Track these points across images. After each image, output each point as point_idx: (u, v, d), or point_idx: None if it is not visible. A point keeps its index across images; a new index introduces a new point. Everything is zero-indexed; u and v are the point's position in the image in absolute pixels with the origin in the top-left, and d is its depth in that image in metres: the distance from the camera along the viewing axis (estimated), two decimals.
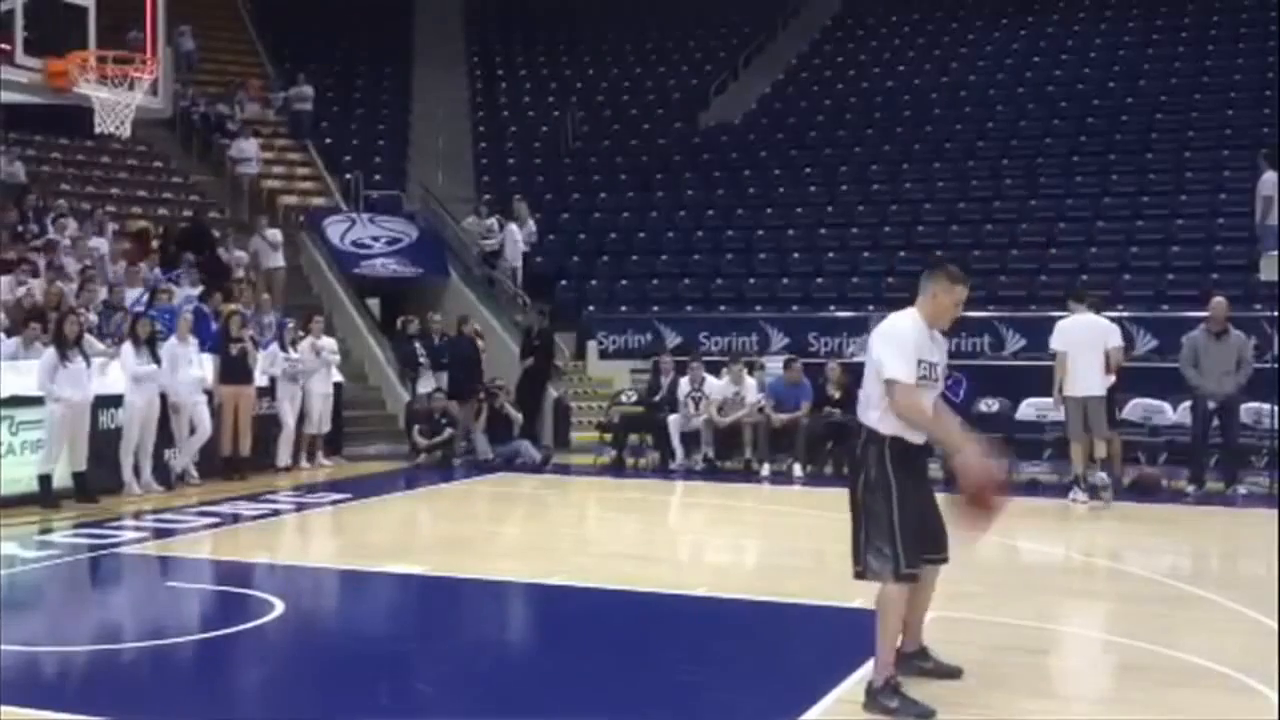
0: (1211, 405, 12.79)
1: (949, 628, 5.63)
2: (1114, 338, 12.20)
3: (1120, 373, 12.59)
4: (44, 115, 17.07)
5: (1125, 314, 15.47)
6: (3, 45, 8.40)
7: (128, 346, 12.58)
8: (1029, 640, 6.85)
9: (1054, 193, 20.57)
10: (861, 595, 7.06)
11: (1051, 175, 21.03)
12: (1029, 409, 14.20)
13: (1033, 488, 13.20)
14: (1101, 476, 12.11)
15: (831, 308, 18.38)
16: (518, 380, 16.66)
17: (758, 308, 19.07)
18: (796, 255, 20.60)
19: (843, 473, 14.09)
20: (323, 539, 11.55)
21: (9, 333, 12.72)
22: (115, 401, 12.48)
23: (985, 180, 21.33)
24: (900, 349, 5.55)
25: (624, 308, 19.96)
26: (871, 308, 17.72)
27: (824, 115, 24.38)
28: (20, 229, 15.81)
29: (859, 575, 5.58)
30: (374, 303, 19.86)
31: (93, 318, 13.43)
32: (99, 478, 12.13)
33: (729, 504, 13.16)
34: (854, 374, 14.89)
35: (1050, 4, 26.38)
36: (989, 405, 14.23)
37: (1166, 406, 14.04)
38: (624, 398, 16.54)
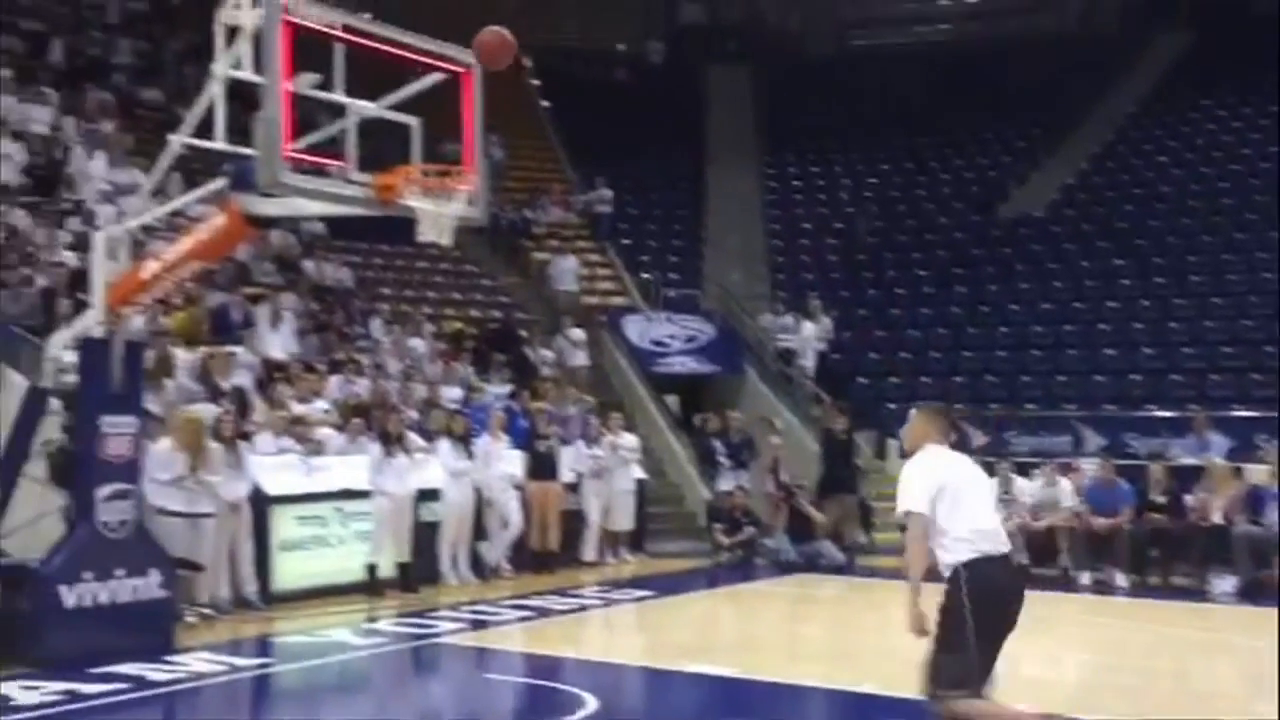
0: None
1: None
2: None
3: None
4: (366, 223, 18.21)
5: None
6: (339, 162, 9.01)
7: (445, 443, 13.13)
8: None
9: None
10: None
11: None
12: None
13: None
14: None
15: (1149, 406, 17.43)
16: (818, 479, 16.43)
17: (1068, 406, 18.29)
18: (1109, 351, 19.70)
19: (1169, 583, 13.36)
20: (629, 635, 11.62)
21: (339, 429, 13.45)
22: (434, 495, 12.98)
23: None
24: None
25: None
26: (1194, 407, 16.74)
27: (1133, 204, 23.37)
28: (346, 330, 16.76)
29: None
30: (672, 399, 20.11)
31: (413, 415, 14.05)
32: (419, 568, 12.61)
33: (1045, 614, 12.33)
34: (1179, 477, 14.17)
35: None
36: None
37: None
38: None
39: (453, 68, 8.82)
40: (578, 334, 19.17)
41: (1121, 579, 13.57)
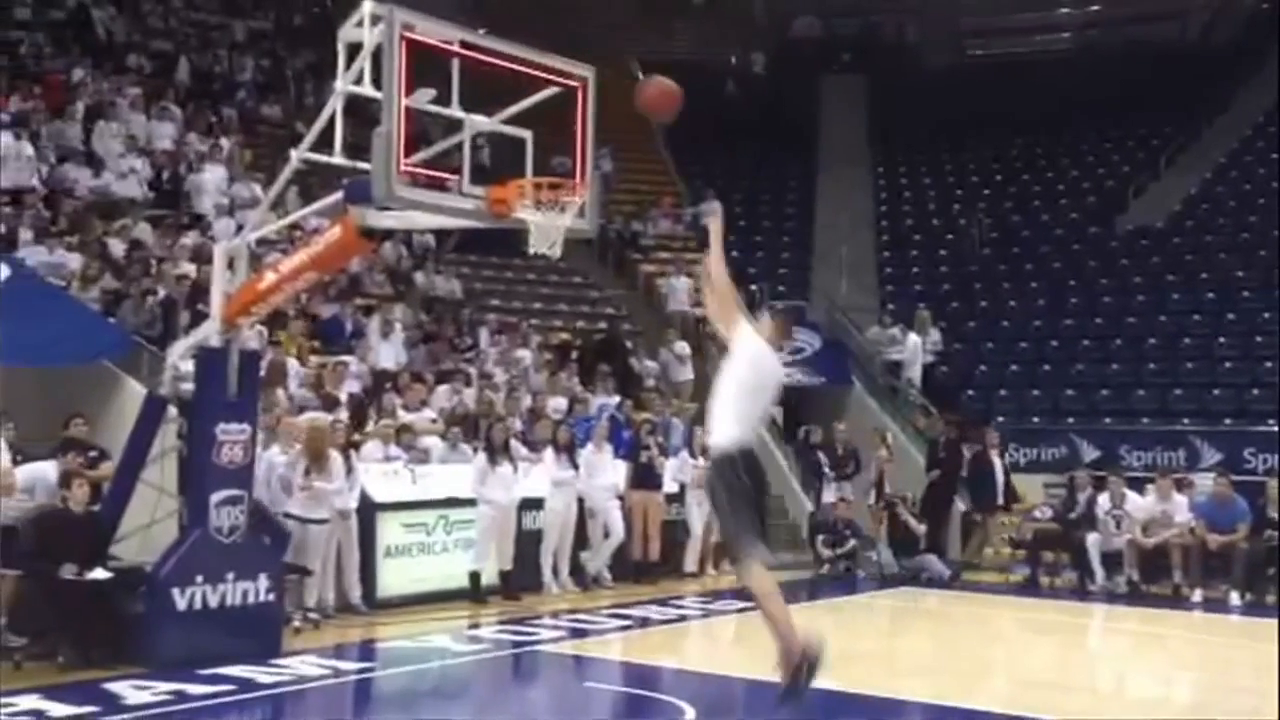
0: None
1: None
2: None
3: None
4: (475, 236, 18.49)
5: None
6: (453, 176, 9.17)
7: (549, 452, 13.28)
8: None
9: None
10: None
11: None
12: None
13: None
14: None
15: (1270, 422, 16.90)
16: (923, 492, 16.26)
17: (1184, 420, 17.85)
18: (1228, 364, 19.16)
19: None
20: (728, 647, 11.61)
21: (443, 437, 13.65)
22: (537, 504, 13.13)
23: None
24: None
25: (1036, 419, 19.19)
26: None
27: (1258, 215, 22.63)
28: (455, 341, 17.02)
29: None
30: (776, 411, 20.02)
31: (518, 425, 14.23)
32: (521, 576, 12.76)
33: (1155, 632, 12.24)
34: None
35: None
36: None
37: None
38: (1037, 513, 15.79)
39: (566, 82, 8.91)
40: (682, 347, 19.22)
41: (1236, 597, 13.26)
